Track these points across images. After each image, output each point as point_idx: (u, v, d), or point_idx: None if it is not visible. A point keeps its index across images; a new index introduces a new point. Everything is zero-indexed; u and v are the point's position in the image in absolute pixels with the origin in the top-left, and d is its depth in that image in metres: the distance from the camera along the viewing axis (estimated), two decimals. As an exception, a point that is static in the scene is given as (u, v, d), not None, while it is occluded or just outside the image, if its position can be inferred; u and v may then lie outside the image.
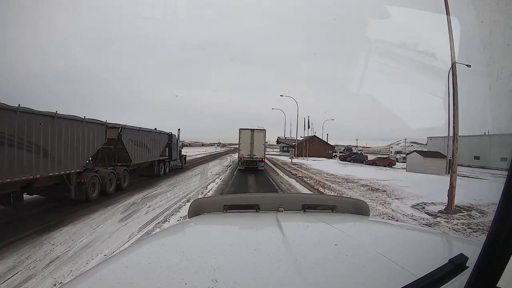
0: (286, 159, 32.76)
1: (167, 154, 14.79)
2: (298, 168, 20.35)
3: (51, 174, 6.72)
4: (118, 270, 0.71)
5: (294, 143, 45.16)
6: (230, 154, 43.01)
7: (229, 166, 20.80)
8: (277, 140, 57.55)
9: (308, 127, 41.83)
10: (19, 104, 5.83)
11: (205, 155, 37.83)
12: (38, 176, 6.34)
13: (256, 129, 20.24)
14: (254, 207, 1.23)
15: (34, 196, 7.36)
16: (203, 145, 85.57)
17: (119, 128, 10.08)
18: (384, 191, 10.52)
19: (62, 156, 7.04)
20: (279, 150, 56.60)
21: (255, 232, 1.08)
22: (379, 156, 41.54)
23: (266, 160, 19.69)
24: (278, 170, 19.44)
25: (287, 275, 0.65)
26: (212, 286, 0.58)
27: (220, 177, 14.20)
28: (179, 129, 16.95)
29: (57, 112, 6.91)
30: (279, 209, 1.23)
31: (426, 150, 33.12)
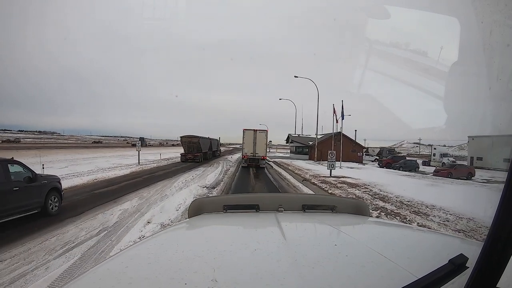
0: (304, 164, 24.31)
1: (216, 148, 35.17)
2: (383, 204, 8.29)
3: (208, 151, 30.32)
4: (118, 270, 0.71)
5: (311, 142, 35.14)
6: (226, 157, 34.34)
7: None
8: (288, 138, 43.25)
9: (342, 118, 25.77)
10: (208, 136, 31.29)
11: (175, 161, 25.10)
12: (207, 151, 29.13)
13: (259, 130, 21.47)
14: (254, 207, 1.23)
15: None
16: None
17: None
18: None
19: (208, 147, 29.90)
20: (289, 152, 43.30)
21: (255, 232, 1.07)
22: (455, 162, 26.44)
23: (282, 172, 18.78)
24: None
25: (287, 275, 0.65)
26: (212, 286, 0.58)
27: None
28: (219, 137, 39.56)
29: (209, 137, 31.77)
30: (279, 209, 1.23)
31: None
